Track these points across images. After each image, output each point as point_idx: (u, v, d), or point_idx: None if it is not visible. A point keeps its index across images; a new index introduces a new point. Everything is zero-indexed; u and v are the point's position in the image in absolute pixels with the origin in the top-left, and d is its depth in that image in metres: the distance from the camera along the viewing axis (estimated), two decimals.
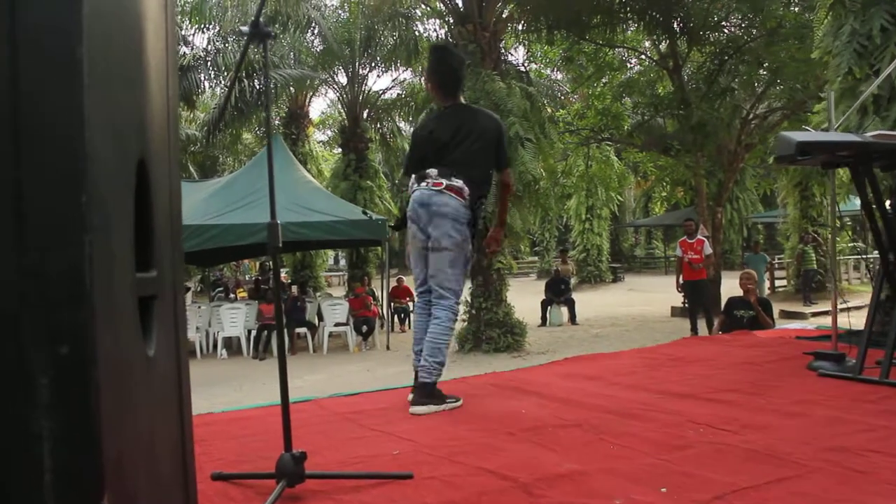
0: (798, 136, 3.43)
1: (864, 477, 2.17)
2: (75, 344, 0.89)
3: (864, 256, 21.40)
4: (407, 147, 22.75)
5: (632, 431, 2.81)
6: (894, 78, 5.40)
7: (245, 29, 2.28)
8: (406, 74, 19.54)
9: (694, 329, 12.19)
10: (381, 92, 20.28)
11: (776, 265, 22.08)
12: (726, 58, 15.29)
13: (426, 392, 3.42)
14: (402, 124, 21.91)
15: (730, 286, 15.10)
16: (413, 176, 3.71)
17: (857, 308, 17.74)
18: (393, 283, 15.93)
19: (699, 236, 12.44)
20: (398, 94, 20.27)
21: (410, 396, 3.52)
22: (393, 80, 23.85)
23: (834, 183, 4.11)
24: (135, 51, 1.17)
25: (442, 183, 3.53)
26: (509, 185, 3.95)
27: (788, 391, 3.48)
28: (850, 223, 25.22)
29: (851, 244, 23.77)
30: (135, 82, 1.16)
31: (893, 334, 3.67)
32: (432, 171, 3.60)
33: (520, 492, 2.16)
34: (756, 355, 4.55)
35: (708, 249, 12.25)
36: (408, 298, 17.24)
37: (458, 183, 3.53)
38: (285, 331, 13.36)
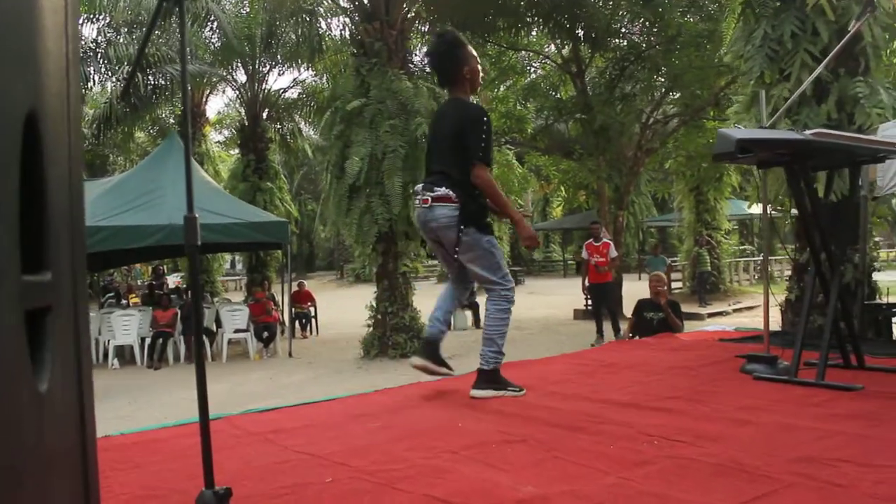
0: (737, 133, 3.33)
1: (844, 491, 2.02)
2: None
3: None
4: (307, 148, 22.27)
5: (583, 446, 2.60)
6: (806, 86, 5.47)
7: None
8: (308, 73, 19.03)
9: (600, 331, 12.28)
10: (281, 91, 19.70)
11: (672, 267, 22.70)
12: (627, 64, 15.59)
13: (486, 378, 3.54)
14: (303, 125, 21.33)
15: (628, 288, 15.41)
16: None
17: (749, 308, 18.44)
18: (294, 287, 15.45)
19: (604, 239, 12.56)
20: (299, 94, 19.74)
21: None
22: (294, 80, 23.22)
23: (766, 183, 4.05)
24: None
25: (428, 199, 3.47)
26: (483, 185, 3.43)
27: (729, 397, 3.36)
28: (736, 227, 26.28)
29: (741, 247, 24.76)
30: (21, 14, 0.84)
31: (827, 335, 3.62)
32: (418, 187, 3.58)
33: None
34: (686, 359, 4.45)
35: (613, 252, 12.41)
36: (309, 303, 16.75)
37: (442, 191, 3.43)
38: (181, 338, 12.75)
